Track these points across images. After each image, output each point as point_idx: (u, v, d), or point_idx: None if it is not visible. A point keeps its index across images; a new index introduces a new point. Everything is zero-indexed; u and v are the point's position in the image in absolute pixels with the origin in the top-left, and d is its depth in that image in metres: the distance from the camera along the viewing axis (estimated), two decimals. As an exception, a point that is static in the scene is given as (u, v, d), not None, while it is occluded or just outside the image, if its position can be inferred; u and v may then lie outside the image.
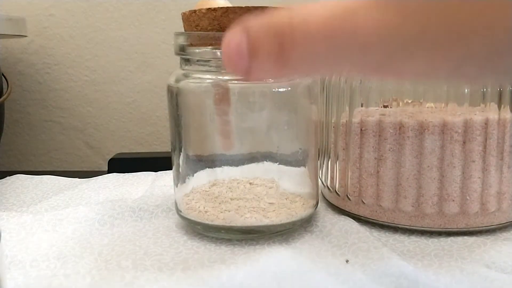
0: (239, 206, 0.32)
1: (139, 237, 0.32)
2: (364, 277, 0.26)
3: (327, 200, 0.38)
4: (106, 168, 0.54)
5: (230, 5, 0.32)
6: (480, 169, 0.31)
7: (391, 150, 0.32)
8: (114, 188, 0.44)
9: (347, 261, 0.28)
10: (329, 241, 0.31)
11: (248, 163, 0.33)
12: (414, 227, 0.32)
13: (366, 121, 0.33)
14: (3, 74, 0.49)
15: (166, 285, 0.26)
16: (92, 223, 0.34)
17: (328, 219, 0.34)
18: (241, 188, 0.33)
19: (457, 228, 0.32)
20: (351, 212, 0.35)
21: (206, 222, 0.32)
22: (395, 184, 0.33)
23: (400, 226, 0.33)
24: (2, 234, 0.25)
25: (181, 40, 0.31)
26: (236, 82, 0.31)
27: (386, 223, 0.33)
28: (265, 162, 0.33)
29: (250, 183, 0.33)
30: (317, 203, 0.35)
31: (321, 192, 0.39)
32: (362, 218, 0.34)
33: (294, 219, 0.32)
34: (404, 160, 0.32)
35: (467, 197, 0.31)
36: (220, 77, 0.31)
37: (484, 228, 0.32)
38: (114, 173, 0.49)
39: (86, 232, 0.33)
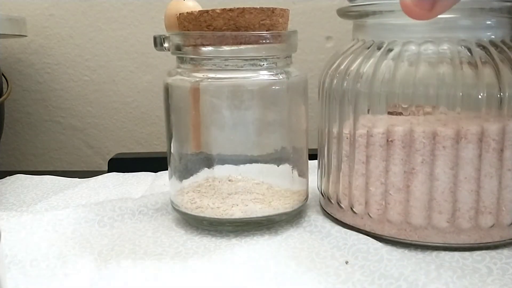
0: (231, 200, 0.33)
1: (139, 237, 0.32)
2: (363, 278, 0.26)
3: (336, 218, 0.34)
4: (106, 168, 0.54)
5: (200, 6, 0.33)
6: None
7: (423, 162, 0.29)
8: (114, 188, 0.44)
9: (346, 262, 0.28)
10: (329, 242, 0.31)
11: (240, 160, 0.34)
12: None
13: (393, 131, 0.30)
14: (3, 74, 0.49)
15: (165, 283, 0.26)
16: (92, 224, 0.34)
17: (328, 220, 0.34)
18: (233, 184, 0.34)
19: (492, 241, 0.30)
20: (372, 232, 0.32)
21: (201, 215, 0.33)
22: (427, 199, 0.30)
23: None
24: (2, 234, 0.25)
25: (177, 40, 0.32)
26: (227, 79, 0.32)
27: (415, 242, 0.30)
28: (256, 159, 0.33)
29: (242, 180, 0.34)
30: (307, 197, 0.36)
31: (322, 208, 0.36)
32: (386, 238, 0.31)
33: (283, 211, 0.33)
34: (438, 172, 0.29)
35: (503, 208, 0.29)
36: (214, 75, 0.32)
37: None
38: (114, 173, 0.49)
39: (86, 232, 0.33)
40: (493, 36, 0.30)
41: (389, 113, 0.30)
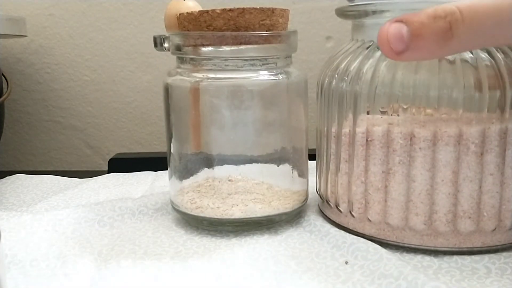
0: (231, 200, 0.33)
1: (139, 237, 0.32)
2: (363, 278, 0.26)
3: (326, 216, 0.35)
4: (106, 168, 0.54)
5: (200, 6, 0.34)
6: (498, 182, 0.28)
7: (400, 163, 0.29)
8: (114, 188, 0.44)
9: (346, 262, 0.28)
10: (328, 241, 0.31)
11: (240, 160, 0.34)
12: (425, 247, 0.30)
13: (373, 131, 0.30)
14: (3, 74, 0.49)
15: (165, 283, 0.26)
16: (92, 224, 0.34)
17: (327, 220, 0.34)
18: (233, 184, 0.34)
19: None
20: (354, 230, 0.32)
21: (201, 215, 0.33)
22: (404, 200, 0.30)
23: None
24: (2, 234, 0.25)
25: (177, 40, 0.32)
26: (227, 79, 0.32)
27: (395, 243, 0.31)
28: (256, 159, 0.34)
29: (242, 180, 0.34)
30: (307, 197, 0.36)
31: (319, 207, 0.37)
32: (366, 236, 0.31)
33: (283, 211, 0.33)
34: (415, 173, 0.29)
35: (484, 214, 0.29)
36: (214, 75, 0.32)
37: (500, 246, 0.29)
38: (114, 173, 0.49)
39: (86, 232, 0.33)
40: None
41: (382, 112, 0.30)
